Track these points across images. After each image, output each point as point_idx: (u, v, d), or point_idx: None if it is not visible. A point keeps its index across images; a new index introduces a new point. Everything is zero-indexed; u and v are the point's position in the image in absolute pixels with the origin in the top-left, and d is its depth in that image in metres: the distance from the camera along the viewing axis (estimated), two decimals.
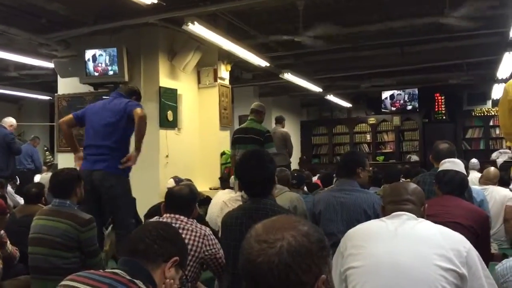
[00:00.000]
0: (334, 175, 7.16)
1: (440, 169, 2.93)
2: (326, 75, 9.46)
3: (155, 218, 2.67)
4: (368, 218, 2.62)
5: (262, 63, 6.90)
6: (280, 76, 8.17)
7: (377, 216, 2.50)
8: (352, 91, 11.77)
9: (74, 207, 3.00)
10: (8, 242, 3.37)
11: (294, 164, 10.85)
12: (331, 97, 11.19)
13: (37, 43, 6.11)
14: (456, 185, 2.75)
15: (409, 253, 1.81)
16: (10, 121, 7.01)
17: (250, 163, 2.31)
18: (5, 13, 5.32)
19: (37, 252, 2.94)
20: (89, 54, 5.84)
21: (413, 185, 2.17)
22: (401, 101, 12.52)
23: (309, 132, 13.75)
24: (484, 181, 4.85)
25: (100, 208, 3.83)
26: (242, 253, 1.05)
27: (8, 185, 6.35)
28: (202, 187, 6.03)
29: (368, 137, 13.13)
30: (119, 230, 3.84)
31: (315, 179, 7.48)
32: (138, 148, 3.88)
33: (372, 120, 13.02)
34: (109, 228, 4.17)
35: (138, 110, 3.83)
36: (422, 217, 2.02)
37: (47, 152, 10.92)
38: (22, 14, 5.46)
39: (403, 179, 6.09)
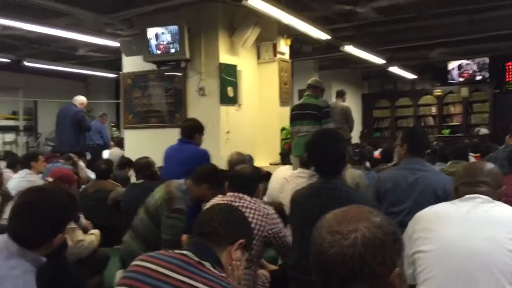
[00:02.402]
0: (396, 150, 6.99)
1: None
2: (389, 46, 9.10)
3: (218, 197, 2.70)
4: (438, 200, 2.51)
5: (323, 36, 6.74)
6: (341, 48, 7.96)
7: (447, 198, 2.40)
8: (417, 62, 11.28)
9: None
10: (82, 216, 3.55)
11: (355, 138, 10.66)
12: (394, 69, 10.79)
13: (102, 22, 6.28)
14: None
15: (482, 237, 1.72)
16: (80, 99, 7.34)
17: (321, 142, 2.28)
18: None
19: None
20: (151, 32, 5.93)
21: (489, 165, 2.04)
22: (470, 71, 11.88)
23: (370, 105, 13.43)
24: None
25: None
26: (313, 243, 1.02)
27: (80, 160, 6.67)
28: (262, 162, 6.06)
29: (434, 109, 12.62)
30: None
31: (376, 153, 7.31)
32: None
33: (438, 91, 12.48)
34: None
35: None
36: (499, 200, 1.90)
37: (113, 128, 11.40)
38: None
39: (472, 154, 5.81)
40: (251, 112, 6.52)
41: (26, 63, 8.89)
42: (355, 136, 10.22)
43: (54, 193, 1.82)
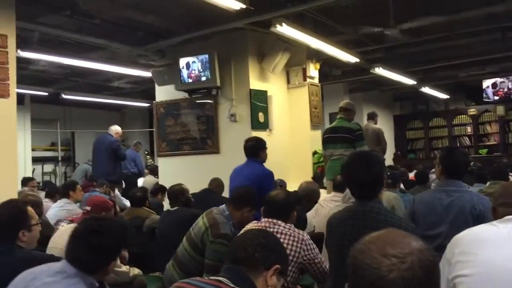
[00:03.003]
0: (431, 171, 6.85)
1: None
2: (420, 67, 9.03)
3: (253, 223, 2.70)
4: (476, 221, 2.44)
5: (352, 59, 6.75)
6: (371, 71, 7.93)
7: (484, 218, 2.33)
8: (449, 82, 11.10)
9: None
10: None
11: (389, 161, 10.49)
12: (426, 89, 10.65)
13: (136, 54, 6.49)
14: None
15: None
16: (115, 129, 7.52)
17: (357, 164, 2.25)
18: (107, 29, 5.71)
19: None
20: (183, 62, 6.08)
21: None
22: (505, 89, 11.60)
23: (403, 127, 13.23)
24: None
25: None
26: (363, 268, 1.01)
27: (115, 188, 6.81)
28: (294, 187, 6.01)
29: (469, 129, 12.34)
30: None
31: (411, 175, 7.17)
32: None
33: (472, 111, 12.23)
34: None
35: None
36: None
37: (148, 156, 11.60)
38: (122, 28, 5.83)
39: None
40: (282, 137, 6.54)
41: (64, 96, 9.23)
42: (388, 159, 10.06)
43: (111, 222, 1.95)
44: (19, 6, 3.90)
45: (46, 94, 9.19)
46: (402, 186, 5.73)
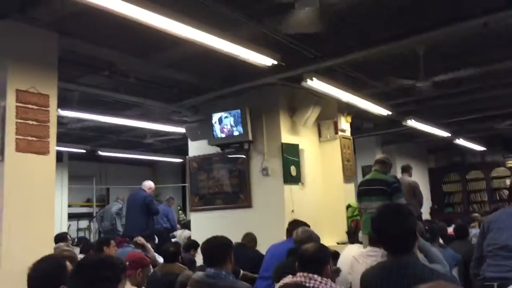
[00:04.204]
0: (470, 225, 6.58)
1: None
2: (453, 119, 8.92)
3: (289, 277, 2.63)
4: None
5: (383, 111, 6.74)
6: (403, 123, 7.87)
7: None
8: (485, 134, 10.89)
9: (229, 276, 2.89)
10: None
11: (426, 215, 10.18)
12: (461, 141, 10.46)
13: (170, 111, 6.67)
14: None
15: None
16: (149, 184, 7.63)
17: (387, 216, 2.19)
18: (141, 87, 5.92)
19: None
20: (215, 117, 6.20)
21: None
22: None
23: (439, 180, 12.92)
24: None
25: None
26: None
27: (149, 243, 6.79)
28: (329, 241, 5.88)
29: (508, 182, 11.93)
30: None
31: (450, 229, 6.91)
32: None
33: (510, 163, 11.88)
34: None
35: None
36: None
37: (180, 211, 11.63)
38: (156, 86, 6.03)
39: None
40: (315, 190, 6.47)
41: (100, 153, 9.49)
42: (425, 213, 9.78)
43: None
44: (61, 67, 4.10)
45: (84, 151, 9.48)
46: (441, 241, 5.52)
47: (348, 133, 7.09)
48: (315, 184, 6.53)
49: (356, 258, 4.05)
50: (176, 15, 3.36)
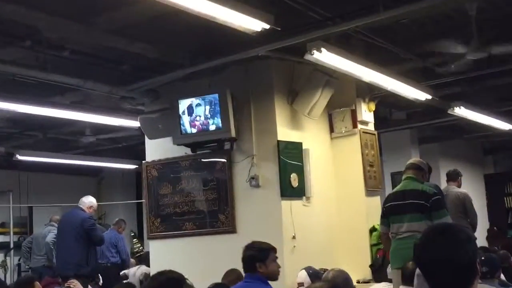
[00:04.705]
0: None
1: None
2: None
3: None
4: None
5: (421, 95, 6.78)
6: (449, 112, 7.94)
7: None
8: None
9: None
10: None
11: (481, 240, 10.27)
12: None
13: (118, 96, 6.64)
14: None
15: None
16: (89, 201, 7.56)
17: (436, 243, 2.20)
18: (78, 63, 5.86)
19: None
20: (183, 105, 6.19)
21: None
22: None
23: (500, 191, 13.05)
24: None
25: None
26: None
27: (89, 286, 6.78)
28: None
29: None
30: None
31: None
32: None
33: None
34: None
35: None
36: None
37: (134, 240, 11.60)
38: (100, 62, 6.00)
39: None
40: (325, 207, 6.51)
41: (19, 157, 9.39)
42: (480, 237, 9.86)
43: None
44: None
45: None
46: (503, 276, 5.60)
47: (371, 127, 7.13)
48: (326, 198, 6.56)
49: None
50: None
